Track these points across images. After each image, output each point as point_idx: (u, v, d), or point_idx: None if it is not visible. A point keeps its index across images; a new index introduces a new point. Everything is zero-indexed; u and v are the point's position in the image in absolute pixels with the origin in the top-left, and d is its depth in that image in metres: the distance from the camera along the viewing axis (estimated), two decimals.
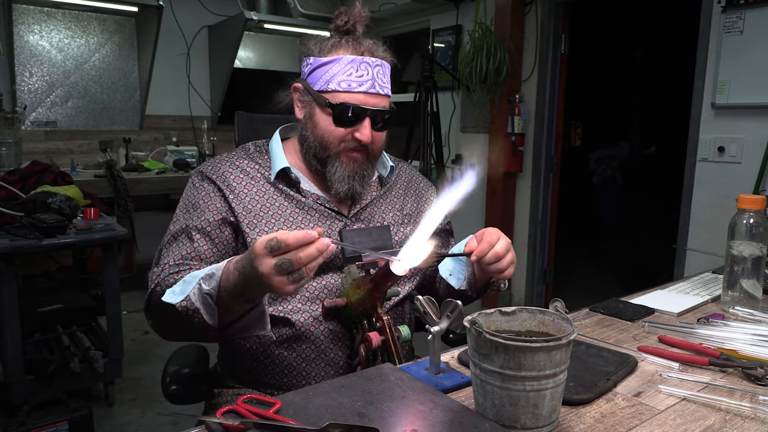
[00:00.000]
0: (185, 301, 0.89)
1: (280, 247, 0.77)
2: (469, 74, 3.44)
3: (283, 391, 1.07)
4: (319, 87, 1.08)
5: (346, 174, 1.10)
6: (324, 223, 1.12)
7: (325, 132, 1.09)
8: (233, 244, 1.09)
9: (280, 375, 1.08)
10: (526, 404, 0.66)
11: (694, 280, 1.41)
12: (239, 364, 1.13)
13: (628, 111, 5.96)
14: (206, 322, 0.89)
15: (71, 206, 2.29)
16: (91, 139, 4.22)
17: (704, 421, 0.73)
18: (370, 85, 1.07)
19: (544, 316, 0.75)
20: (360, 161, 1.12)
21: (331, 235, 1.11)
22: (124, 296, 2.51)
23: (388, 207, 1.21)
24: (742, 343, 0.94)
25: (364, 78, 1.06)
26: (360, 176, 1.12)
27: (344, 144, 1.10)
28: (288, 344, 1.07)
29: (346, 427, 0.63)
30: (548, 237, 3.75)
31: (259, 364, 1.09)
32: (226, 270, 0.87)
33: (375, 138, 1.11)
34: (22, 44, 3.95)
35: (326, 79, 1.07)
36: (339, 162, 1.10)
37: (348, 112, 1.06)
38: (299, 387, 1.06)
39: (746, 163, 2.54)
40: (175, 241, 1.07)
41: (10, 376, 2.14)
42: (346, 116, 1.07)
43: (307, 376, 1.08)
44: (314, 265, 0.79)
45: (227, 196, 1.09)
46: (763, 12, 2.41)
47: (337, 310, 1.03)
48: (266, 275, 0.78)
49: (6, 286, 2.08)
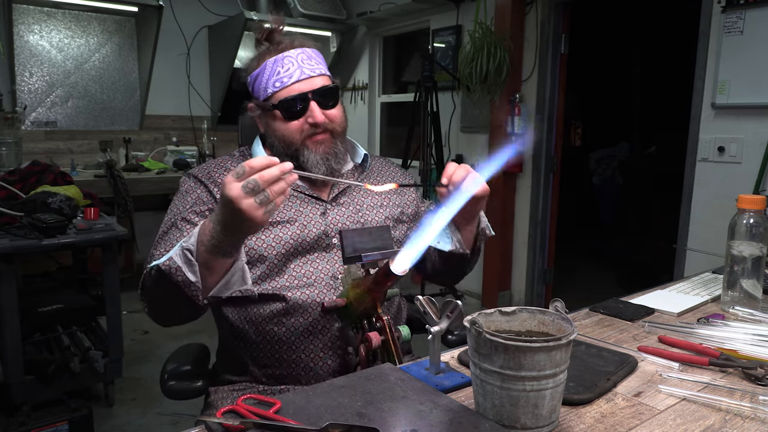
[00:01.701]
0: (168, 261, 0.93)
1: (245, 171, 0.83)
2: (469, 74, 3.44)
3: (276, 371, 1.11)
4: (262, 97, 1.16)
5: (318, 158, 1.15)
6: (305, 208, 1.16)
7: (283, 131, 1.15)
8: None
9: (272, 352, 1.11)
10: (526, 404, 0.66)
11: (694, 280, 1.41)
12: (234, 350, 1.15)
13: (628, 111, 5.95)
14: (188, 279, 0.92)
15: (71, 206, 2.29)
16: (91, 139, 4.22)
17: (704, 421, 0.73)
18: (299, 74, 1.13)
19: (544, 316, 0.75)
20: (327, 142, 1.17)
21: (314, 219, 1.16)
22: (124, 296, 2.51)
23: (365, 193, 1.25)
24: (742, 343, 0.94)
25: (291, 70, 1.13)
26: (332, 155, 1.17)
27: (304, 134, 1.15)
28: (278, 319, 1.10)
29: (346, 427, 0.63)
30: (548, 237, 3.75)
31: (252, 345, 1.12)
32: (203, 226, 0.92)
33: (330, 116, 1.16)
34: (22, 44, 3.95)
35: (263, 88, 1.15)
36: (308, 150, 1.15)
37: (291, 104, 1.13)
38: (291, 363, 1.10)
39: (746, 163, 2.54)
40: (166, 234, 1.11)
41: (10, 376, 2.14)
42: (292, 109, 1.13)
43: (297, 350, 1.10)
44: (279, 188, 0.84)
45: (212, 190, 1.15)
46: (763, 12, 2.41)
47: (337, 310, 1.03)
48: (235, 199, 0.83)
49: (6, 286, 2.08)
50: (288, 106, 1.13)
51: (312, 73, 1.14)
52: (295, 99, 1.12)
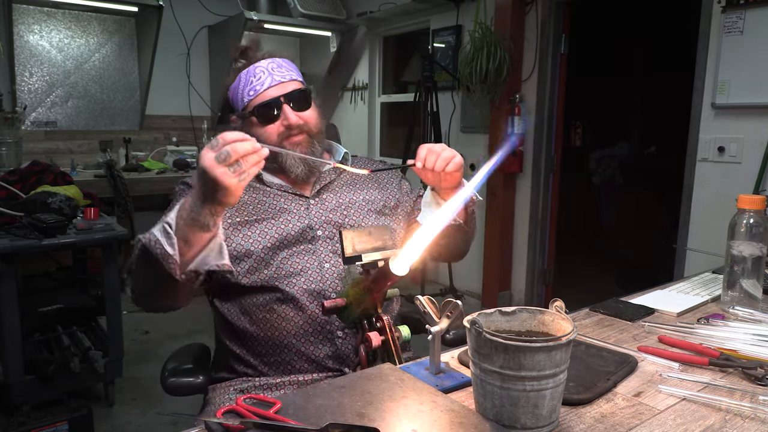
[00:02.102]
0: (149, 234, 0.96)
1: (219, 142, 0.89)
2: (469, 74, 3.44)
3: (271, 358, 1.14)
4: (240, 107, 1.23)
5: (296, 158, 1.20)
6: (289, 205, 1.21)
7: (260, 136, 1.19)
8: None
9: (266, 339, 1.14)
10: (526, 404, 0.66)
11: (694, 280, 1.41)
12: (231, 343, 1.19)
13: (628, 111, 5.95)
14: (166, 251, 0.93)
15: (71, 206, 2.29)
16: (91, 139, 4.22)
17: (704, 421, 0.73)
18: (269, 81, 1.19)
19: (544, 316, 0.75)
20: (304, 143, 1.21)
21: (298, 214, 1.20)
22: (124, 296, 2.51)
23: (347, 189, 1.29)
24: (742, 343, 0.94)
25: (262, 78, 1.20)
26: (310, 155, 1.21)
27: (281, 136, 1.20)
28: (269, 306, 1.14)
29: (346, 427, 0.63)
30: (548, 237, 3.75)
31: (247, 335, 1.15)
32: (182, 201, 0.96)
33: (304, 117, 1.21)
34: (22, 44, 3.95)
35: (240, 98, 1.22)
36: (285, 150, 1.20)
37: (265, 109, 1.19)
38: (284, 349, 1.13)
39: (746, 163, 2.54)
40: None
41: (10, 376, 2.14)
42: (266, 113, 1.19)
43: (288, 335, 1.13)
44: (252, 159, 0.88)
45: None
46: (763, 12, 2.41)
47: (337, 310, 1.03)
48: (209, 168, 0.87)
49: (6, 286, 2.08)
50: (262, 111, 1.19)
51: (282, 78, 1.20)
52: (269, 104, 1.18)
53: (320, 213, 1.22)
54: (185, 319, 3.63)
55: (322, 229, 1.20)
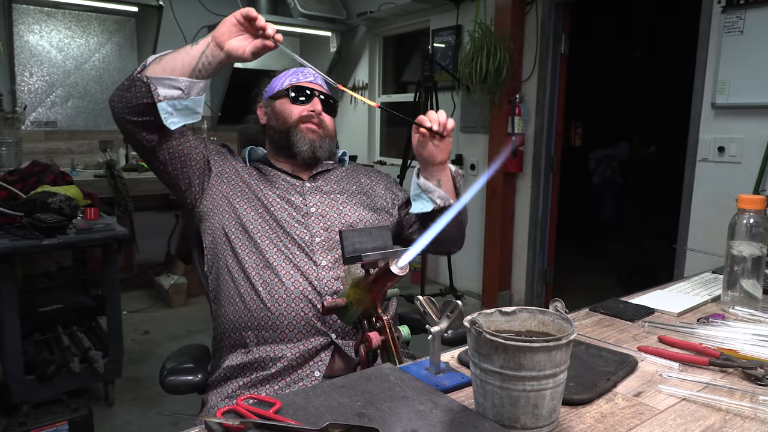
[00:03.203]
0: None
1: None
2: (469, 74, 3.44)
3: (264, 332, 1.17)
4: (276, 90, 1.37)
5: (307, 139, 1.32)
6: (285, 183, 1.32)
7: (284, 110, 1.34)
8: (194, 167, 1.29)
9: (258, 311, 1.18)
10: (526, 404, 0.66)
11: (694, 280, 1.41)
12: (227, 321, 1.22)
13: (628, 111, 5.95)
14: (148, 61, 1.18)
15: (71, 206, 2.29)
16: (91, 139, 4.22)
17: (704, 421, 0.73)
18: (313, 79, 1.38)
19: (544, 316, 0.75)
20: (317, 132, 1.34)
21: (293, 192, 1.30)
22: (124, 296, 2.52)
23: (342, 179, 1.39)
24: (742, 343, 0.94)
25: (308, 75, 1.38)
26: (318, 144, 1.33)
27: (302, 117, 1.32)
28: (259, 275, 1.20)
29: (346, 427, 0.63)
30: (548, 237, 3.75)
31: (243, 309, 1.19)
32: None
33: (325, 117, 1.36)
34: (22, 44, 3.95)
35: (280, 83, 1.38)
36: (300, 131, 1.32)
37: (301, 90, 1.34)
38: (271, 315, 1.16)
39: (746, 163, 2.54)
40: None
41: (10, 376, 2.14)
42: (300, 94, 1.34)
43: (278, 309, 1.17)
44: (267, 32, 1.10)
45: (231, 158, 1.37)
46: (763, 12, 2.41)
47: (337, 310, 1.03)
48: (233, 15, 1.12)
49: (6, 286, 2.08)
50: (297, 91, 1.33)
51: (323, 87, 1.38)
52: (306, 89, 1.34)
53: (314, 193, 1.31)
54: (185, 320, 3.64)
55: (316, 206, 1.28)
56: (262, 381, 1.16)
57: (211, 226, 1.28)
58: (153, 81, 1.13)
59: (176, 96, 1.14)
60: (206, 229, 1.29)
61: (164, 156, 1.25)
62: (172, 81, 1.14)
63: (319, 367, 1.16)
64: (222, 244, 1.25)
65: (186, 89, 1.15)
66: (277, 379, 1.16)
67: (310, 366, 1.16)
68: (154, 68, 1.15)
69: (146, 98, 1.13)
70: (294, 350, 1.16)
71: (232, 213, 1.26)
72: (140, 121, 1.18)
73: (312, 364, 1.16)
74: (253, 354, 1.17)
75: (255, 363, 1.17)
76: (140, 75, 1.14)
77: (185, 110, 1.17)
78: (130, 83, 1.15)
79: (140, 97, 1.14)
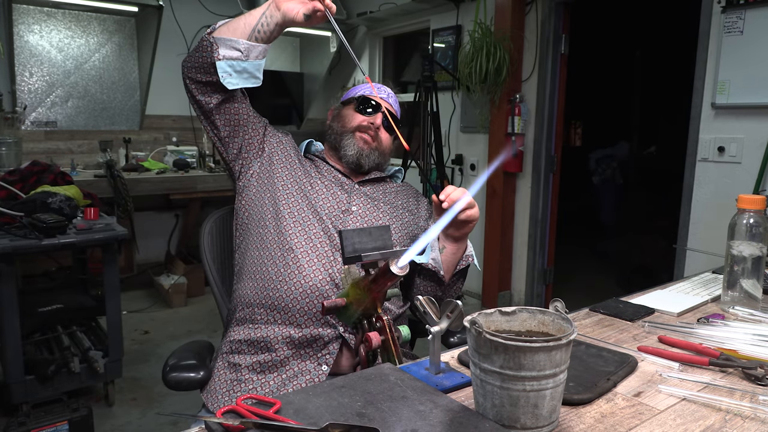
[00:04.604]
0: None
1: None
2: (469, 74, 3.44)
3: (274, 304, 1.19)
4: (349, 96, 1.46)
5: (356, 146, 1.38)
6: (332, 180, 1.36)
7: (347, 116, 1.41)
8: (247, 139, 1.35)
9: (271, 296, 1.20)
10: (526, 404, 0.66)
11: (694, 280, 1.41)
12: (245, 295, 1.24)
13: (628, 111, 5.95)
14: (217, 24, 1.24)
15: (71, 206, 2.29)
16: (91, 139, 4.22)
17: (704, 421, 0.73)
18: (386, 97, 1.44)
19: (544, 316, 0.75)
20: (369, 144, 1.39)
21: (341, 188, 1.35)
22: (124, 296, 2.52)
23: (390, 192, 1.42)
24: (742, 343, 0.94)
25: (381, 92, 1.44)
26: (367, 154, 1.38)
27: (360, 126, 1.39)
28: (281, 256, 1.23)
29: (346, 427, 0.63)
30: (548, 237, 3.75)
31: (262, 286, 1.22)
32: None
33: (382, 134, 1.41)
34: (22, 44, 3.95)
35: (355, 93, 1.45)
36: (353, 138, 1.38)
37: (367, 102, 1.41)
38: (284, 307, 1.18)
39: (746, 163, 2.54)
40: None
41: (10, 376, 2.14)
42: (365, 105, 1.40)
43: (293, 294, 1.18)
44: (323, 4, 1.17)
45: (296, 154, 1.40)
46: (763, 12, 2.41)
47: (336, 309, 1.03)
48: None
49: (6, 286, 2.08)
50: (364, 102, 1.41)
51: (392, 107, 1.44)
52: (372, 102, 1.41)
53: (360, 194, 1.35)
54: (185, 320, 3.64)
55: (357, 205, 1.32)
56: (270, 368, 1.17)
57: (248, 203, 1.32)
58: (216, 41, 1.21)
59: (235, 57, 1.21)
60: (243, 205, 1.33)
61: (219, 120, 1.30)
62: (233, 42, 1.21)
63: (326, 361, 1.16)
64: (254, 222, 1.29)
65: (245, 51, 1.22)
66: (285, 367, 1.17)
67: (318, 358, 1.17)
68: (221, 29, 1.23)
69: (209, 58, 1.21)
70: (300, 333, 1.17)
71: (271, 195, 1.30)
72: (203, 81, 1.25)
73: (320, 356, 1.17)
74: (261, 331, 1.19)
75: (260, 342, 1.18)
76: (207, 36, 1.22)
77: (244, 73, 1.23)
78: (199, 44, 1.24)
79: (205, 57, 1.22)
